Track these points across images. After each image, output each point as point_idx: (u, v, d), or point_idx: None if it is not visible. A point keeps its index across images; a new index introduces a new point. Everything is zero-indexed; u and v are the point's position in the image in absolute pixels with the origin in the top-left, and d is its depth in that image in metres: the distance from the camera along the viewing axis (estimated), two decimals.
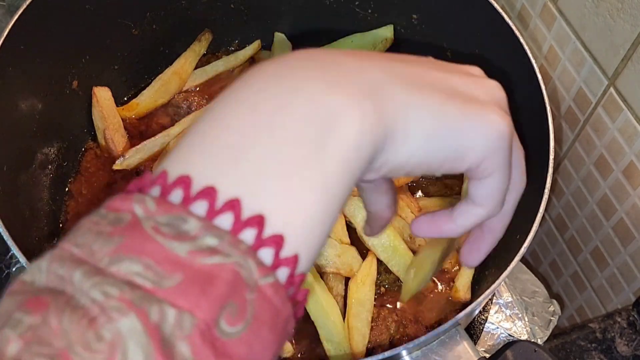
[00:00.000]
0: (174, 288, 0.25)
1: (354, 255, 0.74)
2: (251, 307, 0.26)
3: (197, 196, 0.27)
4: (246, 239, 0.27)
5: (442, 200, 0.83)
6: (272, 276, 0.28)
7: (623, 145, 0.76)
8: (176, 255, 0.26)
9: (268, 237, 0.28)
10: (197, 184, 0.28)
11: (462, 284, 0.77)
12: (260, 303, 0.27)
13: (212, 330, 0.25)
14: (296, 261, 0.29)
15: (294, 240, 0.28)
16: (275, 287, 0.28)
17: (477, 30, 0.80)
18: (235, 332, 0.26)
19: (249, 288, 0.27)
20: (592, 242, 0.89)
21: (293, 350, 0.72)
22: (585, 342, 0.80)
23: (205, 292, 0.25)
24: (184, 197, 0.28)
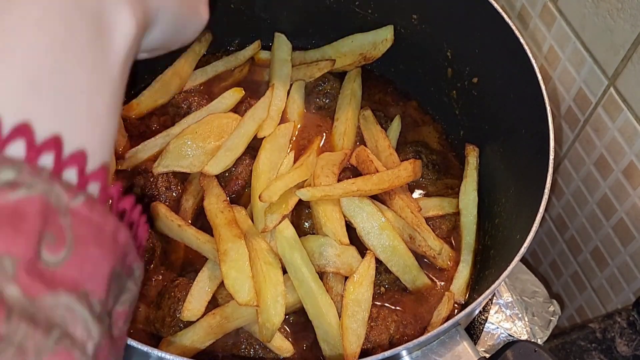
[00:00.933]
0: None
1: (353, 255, 0.74)
2: (69, 232, 0.26)
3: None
4: (46, 164, 0.26)
5: (442, 199, 0.83)
6: (83, 195, 0.27)
7: (623, 145, 0.76)
8: None
9: (68, 156, 0.27)
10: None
11: (458, 286, 0.77)
12: (77, 225, 0.27)
13: (36, 264, 0.25)
14: (105, 173, 0.28)
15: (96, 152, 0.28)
16: (90, 204, 0.27)
17: (477, 30, 0.80)
18: (60, 259, 0.26)
19: (62, 213, 0.26)
20: (592, 242, 0.89)
21: (293, 350, 0.72)
22: (585, 342, 0.80)
23: (17, 230, 0.25)
24: None
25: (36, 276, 0.25)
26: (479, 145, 0.85)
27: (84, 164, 0.28)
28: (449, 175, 0.87)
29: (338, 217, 0.75)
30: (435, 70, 0.90)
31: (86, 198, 0.27)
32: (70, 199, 0.27)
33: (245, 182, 0.81)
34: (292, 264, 0.72)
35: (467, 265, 0.78)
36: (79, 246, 0.26)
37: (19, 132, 0.26)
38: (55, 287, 0.25)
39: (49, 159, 0.26)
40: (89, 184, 0.28)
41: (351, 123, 0.87)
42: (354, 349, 0.69)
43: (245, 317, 0.71)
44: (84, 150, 0.28)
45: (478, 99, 0.85)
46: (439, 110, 0.93)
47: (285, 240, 0.73)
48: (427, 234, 0.77)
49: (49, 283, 0.25)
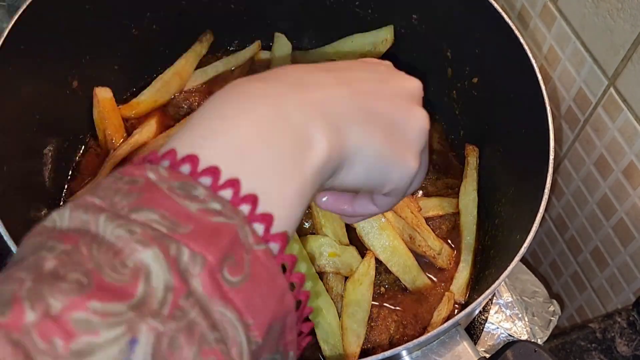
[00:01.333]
0: (187, 234, 0.30)
1: (353, 255, 0.74)
2: (248, 265, 0.31)
3: (203, 172, 0.32)
4: (243, 211, 0.32)
5: (442, 199, 0.83)
6: (264, 245, 0.32)
7: (623, 145, 0.76)
8: (188, 210, 0.30)
9: (260, 214, 0.33)
10: (203, 163, 0.33)
11: (458, 286, 0.77)
12: (255, 263, 0.31)
13: (217, 275, 0.29)
14: (285, 239, 0.34)
15: (280, 222, 0.34)
16: (268, 255, 0.32)
17: (477, 30, 0.80)
18: (236, 281, 0.30)
19: (246, 249, 0.31)
20: (592, 242, 0.89)
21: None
22: (585, 342, 0.80)
23: (212, 241, 0.30)
24: (191, 170, 0.33)
25: (215, 283, 0.29)
26: (479, 145, 0.85)
27: (270, 224, 0.33)
28: (449, 175, 0.87)
29: (337, 217, 0.75)
30: (435, 70, 0.90)
31: (266, 249, 0.32)
32: (254, 243, 0.32)
33: None
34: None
35: (467, 265, 0.78)
36: (253, 280, 0.31)
37: (230, 184, 0.33)
38: (226, 301, 0.29)
39: (246, 208, 0.33)
40: (270, 242, 0.33)
41: None
42: (354, 349, 0.69)
43: None
44: (272, 213, 0.33)
45: (478, 99, 0.85)
46: (439, 110, 0.93)
47: None
48: (427, 234, 0.77)
49: (223, 295, 0.29)
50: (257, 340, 0.31)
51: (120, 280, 0.27)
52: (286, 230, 0.34)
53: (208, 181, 0.32)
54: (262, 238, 0.32)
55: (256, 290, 0.31)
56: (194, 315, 0.28)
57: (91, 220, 0.29)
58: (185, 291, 0.28)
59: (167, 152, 0.33)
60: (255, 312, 0.30)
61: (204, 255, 0.29)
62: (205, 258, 0.29)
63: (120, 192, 0.31)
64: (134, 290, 0.27)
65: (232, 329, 0.29)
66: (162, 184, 0.31)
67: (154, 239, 0.29)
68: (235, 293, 0.30)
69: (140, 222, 0.29)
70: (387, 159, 0.42)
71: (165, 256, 0.28)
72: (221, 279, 0.29)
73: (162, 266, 0.28)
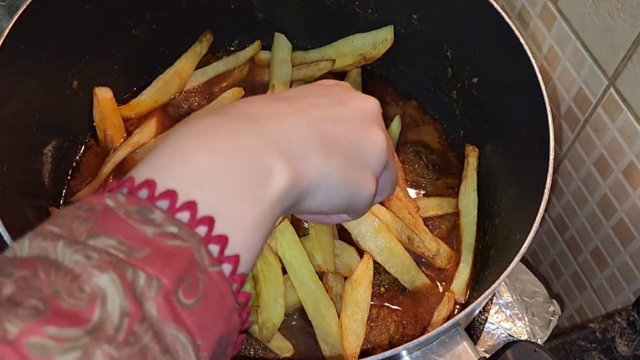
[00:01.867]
0: (143, 258, 0.30)
1: (353, 255, 0.74)
2: (202, 286, 0.32)
3: (161, 196, 0.33)
4: (200, 233, 0.33)
5: (442, 199, 0.83)
6: (218, 266, 0.33)
7: (623, 145, 0.76)
8: (144, 235, 0.31)
9: (216, 235, 0.34)
10: (161, 187, 0.34)
11: (458, 286, 0.77)
12: (209, 285, 0.32)
13: (172, 298, 0.30)
14: (237, 261, 0.35)
15: (235, 245, 0.35)
16: (220, 275, 0.33)
17: (477, 30, 0.80)
18: (189, 303, 0.31)
19: (201, 270, 0.32)
20: (592, 242, 0.89)
21: (293, 350, 0.72)
22: (585, 342, 0.80)
23: (167, 265, 0.31)
24: (149, 195, 0.34)
25: (169, 306, 0.30)
26: (479, 145, 0.85)
27: (225, 245, 0.34)
28: (449, 175, 0.87)
29: (329, 243, 0.75)
30: (435, 70, 0.90)
31: (220, 270, 0.33)
32: (209, 264, 0.33)
33: None
34: (292, 264, 0.72)
35: (467, 265, 0.78)
36: (206, 301, 0.32)
37: (187, 207, 0.33)
38: (180, 324, 0.30)
39: (202, 230, 0.33)
40: (224, 263, 0.34)
41: None
42: (354, 348, 0.69)
43: None
44: (227, 235, 0.34)
45: (478, 99, 0.85)
46: (439, 110, 0.93)
47: (285, 240, 0.73)
48: (424, 234, 0.77)
49: (177, 318, 0.30)
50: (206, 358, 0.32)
51: (76, 306, 0.28)
52: (239, 253, 0.35)
53: (165, 204, 0.33)
54: (216, 259, 0.33)
55: (208, 311, 0.32)
56: (147, 340, 0.29)
57: (49, 247, 0.30)
58: (140, 316, 0.29)
59: (125, 180, 0.35)
60: (205, 333, 0.32)
61: (160, 278, 0.30)
62: (160, 281, 0.30)
63: (78, 219, 0.32)
64: (90, 316, 0.28)
65: (183, 350, 0.30)
66: (119, 209, 0.32)
67: (110, 264, 0.29)
68: (188, 315, 0.31)
69: (97, 247, 0.30)
70: (348, 184, 0.43)
71: (121, 281, 0.29)
72: (176, 301, 0.30)
73: (118, 291, 0.29)
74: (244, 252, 0.35)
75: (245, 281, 0.36)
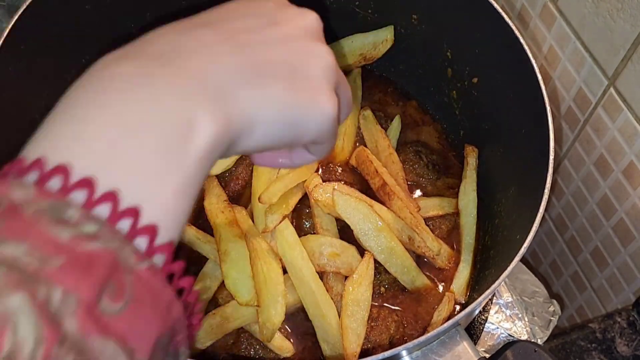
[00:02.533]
0: (57, 269, 0.27)
1: (353, 254, 0.74)
2: (130, 288, 0.29)
3: (76, 185, 0.30)
4: (123, 228, 0.30)
5: (442, 199, 0.83)
6: (148, 261, 0.30)
7: (623, 145, 0.76)
8: (58, 240, 0.28)
9: (142, 227, 0.31)
10: (76, 174, 0.30)
11: (458, 286, 0.77)
12: (138, 285, 0.29)
13: (94, 308, 0.27)
14: (170, 247, 0.32)
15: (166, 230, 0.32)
16: (152, 271, 0.30)
17: (477, 30, 0.80)
18: (116, 309, 0.28)
19: (127, 271, 0.29)
20: (592, 242, 0.89)
21: (293, 350, 0.72)
22: (585, 342, 0.80)
23: (86, 273, 0.28)
24: (62, 186, 0.30)
25: (93, 318, 0.27)
26: (479, 145, 0.85)
27: (154, 236, 0.31)
28: (449, 175, 0.87)
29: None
30: (435, 70, 0.90)
31: (150, 265, 0.30)
32: (137, 262, 0.30)
33: (245, 182, 0.81)
34: (292, 264, 0.72)
35: (467, 265, 0.78)
36: (135, 303, 0.29)
37: (107, 198, 0.30)
38: (106, 334, 0.28)
39: (126, 223, 0.30)
40: (155, 255, 0.31)
41: (351, 123, 0.87)
42: (354, 348, 0.69)
43: (245, 317, 0.71)
44: (156, 224, 0.31)
45: (478, 99, 0.85)
46: (439, 110, 0.93)
47: (285, 240, 0.73)
48: (425, 234, 0.77)
49: (102, 329, 0.28)
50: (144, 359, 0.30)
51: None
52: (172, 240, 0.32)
53: (82, 197, 0.30)
54: (145, 254, 0.31)
55: (140, 313, 0.29)
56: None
57: None
58: (58, 339, 0.26)
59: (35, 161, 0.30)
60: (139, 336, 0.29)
61: (77, 291, 0.27)
62: (79, 295, 0.27)
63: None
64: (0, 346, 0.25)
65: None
66: (28, 207, 0.28)
67: (19, 283, 0.26)
68: (116, 321, 0.28)
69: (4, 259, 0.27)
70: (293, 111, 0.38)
71: (32, 302, 0.26)
72: (99, 311, 0.28)
73: (29, 315, 0.26)
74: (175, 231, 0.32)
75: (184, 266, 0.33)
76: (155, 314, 0.30)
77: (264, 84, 0.37)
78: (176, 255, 0.81)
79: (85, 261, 0.28)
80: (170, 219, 0.32)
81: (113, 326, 0.28)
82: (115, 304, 0.28)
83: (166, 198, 0.32)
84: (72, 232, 0.28)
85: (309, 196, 0.76)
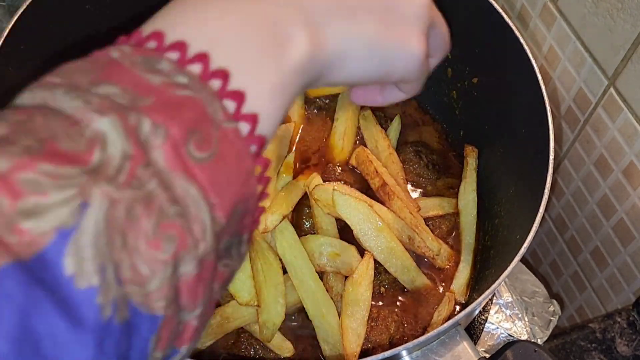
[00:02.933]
0: (149, 106, 0.28)
1: (353, 254, 0.74)
2: (216, 142, 0.29)
3: (169, 47, 0.31)
4: (213, 86, 0.31)
5: (442, 199, 0.83)
6: (234, 123, 0.31)
7: (623, 145, 0.76)
8: (150, 83, 0.29)
9: (232, 90, 0.31)
10: (170, 38, 0.31)
11: (458, 286, 0.77)
12: (223, 141, 0.30)
13: (181, 149, 0.28)
14: (256, 120, 0.32)
15: (254, 103, 0.32)
16: (237, 133, 0.31)
17: (477, 30, 0.80)
18: (201, 157, 0.29)
19: (214, 125, 0.30)
20: (592, 242, 0.89)
21: (293, 350, 0.72)
22: (585, 342, 0.80)
23: (176, 114, 0.28)
24: (157, 46, 0.31)
25: (179, 157, 0.28)
26: (479, 145, 0.85)
27: (242, 102, 0.31)
28: (449, 175, 0.87)
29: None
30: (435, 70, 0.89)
31: (236, 128, 0.31)
32: (224, 119, 0.30)
33: None
34: (292, 264, 0.72)
35: (467, 265, 0.78)
36: (220, 158, 0.29)
37: (199, 59, 0.31)
38: (191, 177, 0.28)
39: (216, 83, 0.31)
40: (241, 121, 0.31)
41: (351, 123, 0.87)
42: (354, 348, 0.69)
43: (245, 317, 0.71)
44: (244, 92, 0.32)
45: (478, 99, 0.85)
46: (439, 110, 0.93)
47: (285, 240, 0.73)
48: (425, 234, 0.77)
49: (187, 170, 0.28)
50: (221, 221, 0.30)
51: (74, 148, 0.26)
52: (258, 113, 0.32)
53: (175, 56, 0.31)
54: (232, 116, 0.31)
55: (223, 170, 0.30)
56: (153, 187, 0.27)
57: (48, 96, 0.28)
58: (144, 161, 0.27)
59: (132, 34, 0.33)
60: (220, 192, 0.29)
61: (167, 127, 0.28)
62: (168, 130, 0.28)
63: (80, 70, 0.30)
64: (89, 158, 0.26)
65: (194, 206, 0.28)
66: (124, 60, 0.30)
67: (112, 108, 0.27)
68: (200, 169, 0.29)
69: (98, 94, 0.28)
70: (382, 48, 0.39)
71: (123, 124, 0.27)
72: (186, 153, 0.28)
73: (119, 134, 0.27)
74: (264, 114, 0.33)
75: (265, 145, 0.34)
76: (236, 176, 0.30)
77: (357, 17, 0.38)
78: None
79: (175, 104, 0.29)
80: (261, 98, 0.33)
81: (197, 172, 0.28)
82: (202, 152, 0.29)
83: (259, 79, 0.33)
84: (164, 79, 0.29)
85: (309, 196, 0.76)
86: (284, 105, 0.35)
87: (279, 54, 0.34)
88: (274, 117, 0.34)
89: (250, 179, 0.32)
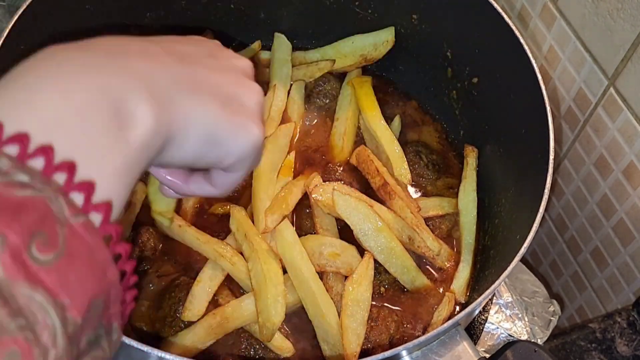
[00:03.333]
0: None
1: (353, 254, 0.74)
2: (62, 240, 0.28)
3: (9, 140, 0.29)
4: (58, 181, 0.30)
5: (442, 199, 0.83)
6: (84, 216, 0.30)
7: (623, 145, 0.76)
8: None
9: (79, 182, 0.30)
10: (9, 130, 0.30)
11: (458, 286, 0.77)
12: (72, 238, 0.29)
13: (23, 255, 0.27)
14: (109, 208, 0.31)
15: (104, 191, 0.31)
16: (88, 228, 0.30)
17: (477, 30, 0.80)
18: (46, 260, 0.27)
19: (59, 223, 0.28)
20: (592, 242, 0.89)
21: (293, 350, 0.72)
22: (585, 342, 0.80)
23: (15, 218, 0.27)
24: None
25: (20, 264, 0.27)
26: (479, 145, 0.85)
27: (91, 193, 0.31)
28: (449, 175, 0.87)
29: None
30: (435, 70, 0.90)
31: (86, 221, 0.30)
32: (71, 215, 0.29)
33: (245, 182, 0.81)
34: (292, 264, 0.72)
35: (467, 265, 0.78)
36: (69, 257, 0.28)
37: (42, 151, 0.29)
38: (34, 283, 0.27)
39: (61, 177, 0.30)
40: (92, 212, 0.31)
41: (351, 123, 0.87)
42: (354, 348, 0.69)
43: (245, 317, 0.71)
44: (93, 181, 0.31)
45: (478, 99, 0.85)
46: (439, 110, 0.93)
47: (285, 240, 0.73)
48: (426, 234, 0.77)
49: (30, 276, 0.27)
50: (76, 320, 0.28)
51: None
52: (110, 200, 0.32)
53: (14, 150, 0.29)
54: (81, 209, 0.30)
55: (73, 267, 0.28)
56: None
57: None
58: None
59: None
60: (72, 291, 0.28)
61: (5, 234, 0.27)
62: (6, 237, 0.26)
63: None
64: None
65: (41, 312, 0.27)
66: None
67: None
68: (46, 273, 0.27)
69: None
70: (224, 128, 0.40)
71: None
72: (28, 259, 0.27)
73: None
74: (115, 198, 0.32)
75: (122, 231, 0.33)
76: (89, 271, 0.29)
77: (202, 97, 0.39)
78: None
79: (14, 206, 0.27)
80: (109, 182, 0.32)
81: (42, 276, 0.27)
82: (46, 254, 0.28)
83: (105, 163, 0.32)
84: (2, 179, 0.28)
85: (309, 196, 0.76)
86: (132, 183, 0.34)
87: (124, 133, 0.34)
88: (124, 197, 0.34)
89: (108, 269, 0.31)
